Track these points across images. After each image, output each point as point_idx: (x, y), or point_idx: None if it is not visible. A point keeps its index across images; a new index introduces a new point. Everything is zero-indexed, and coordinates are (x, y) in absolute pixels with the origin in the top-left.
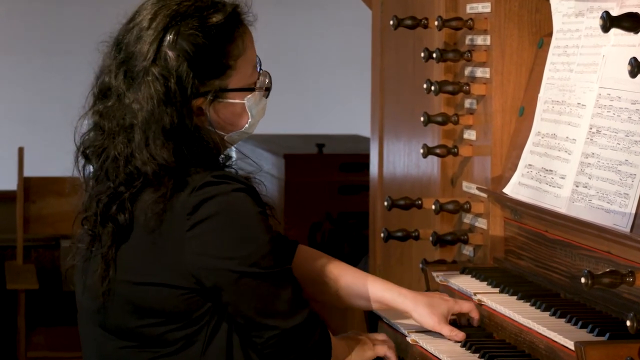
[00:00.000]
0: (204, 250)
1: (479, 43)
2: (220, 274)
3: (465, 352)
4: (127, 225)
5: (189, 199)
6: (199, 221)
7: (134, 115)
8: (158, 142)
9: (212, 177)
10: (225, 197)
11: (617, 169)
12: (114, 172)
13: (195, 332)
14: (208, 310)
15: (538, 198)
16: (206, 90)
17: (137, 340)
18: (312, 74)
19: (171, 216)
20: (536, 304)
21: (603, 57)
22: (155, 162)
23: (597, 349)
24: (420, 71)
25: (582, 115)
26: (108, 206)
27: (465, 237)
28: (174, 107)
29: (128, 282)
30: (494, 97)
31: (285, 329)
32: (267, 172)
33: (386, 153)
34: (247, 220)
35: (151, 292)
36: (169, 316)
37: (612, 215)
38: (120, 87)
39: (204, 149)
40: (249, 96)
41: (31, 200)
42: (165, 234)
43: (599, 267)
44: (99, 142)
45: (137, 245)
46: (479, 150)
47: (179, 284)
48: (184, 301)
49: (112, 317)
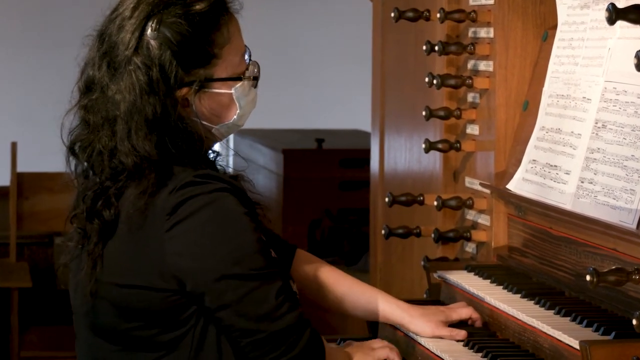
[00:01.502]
0: (183, 251)
1: (482, 36)
2: (201, 275)
3: (468, 352)
4: (113, 221)
5: (169, 199)
6: (179, 221)
7: (117, 107)
8: (140, 134)
9: (194, 177)
10: (206, 197)
11: (623, 165)
12: (99, 166)
13: (184, 334)
14: (194, 312)
15: (542, 194)
16: (191, 79)
17: (126, 343)
18: (311, 68)
19: (152, 216)
20: (540, 302)
21: (609, 50)
22: (137, 154)
23: (602, 348)
24: (422, 64)
25: (588, 109)
26: (94, 202)
27: (468, 234)
28: (157, 96)
29: (113, 284)
30: (498, 91)
31: (272, 332)
32: (265, 168)
33: (387, 148)
34: (229, 220)
35: (135, 295)
36: (154, 319)
37: (618, 212)
38: (103, 79)
39: (189, 142)
40: (236, 86)
41: (24, 197)
42: (146, 234)
43: (604, 265)
44: (85, 137)
45: (121, 244)
46: (482, 145)
47: (161, 286)
48: (168, 303)
49: (101, 319)
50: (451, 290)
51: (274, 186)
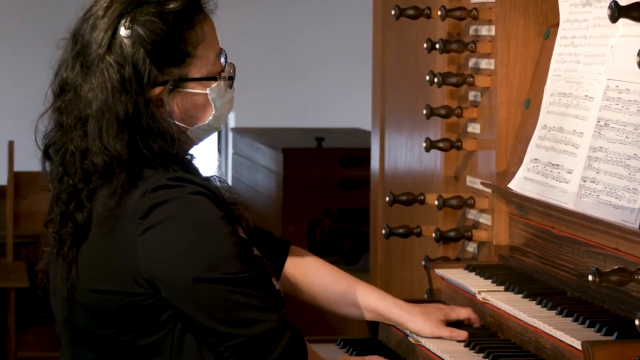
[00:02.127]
0: (156, 257)
1: (483, 33)
2: (175, 281)
3: (469, 352)
4: (86, 224)
5: (142, 201)
6: (151, 226)
7: (89, 105)
8: (111, 132)
9: (167, 180)
10: (180, 202)
11: (626, 163)
12: (72, 168)
13: (162, 337)
14: (170, 315)
15: (544, 193)
16: (165, 79)
17: (105, 350)
18: (311, 66)
19: (124, 219)
20: (542, 303)
21: (611, 48)
22: (108, 152)
23: (604, 349)
24: (422, 62)
25: (590, 107)
26: (67, 205)
27: (469, 234)
28: (129, 95)
29: (87, 289)
30: (499, 89)
31: (249, 337)
32: (265, 167)
33: (387, 147)
34: (204, 225)
35: (109, 300)
36: (130, 324)
37: (621, 211)
38: (76, 79)
39: (161, 144)
40: (212, 86)
41: (21, 196)
42: (118, 238)
43: (607, 265)
44: (59, 139)
45: (94, 248)
46: (484, 144)
47: (134, 290)
48: (144, 308)
49: (79, 326)
50: (452, 290)
51: (274, 185)
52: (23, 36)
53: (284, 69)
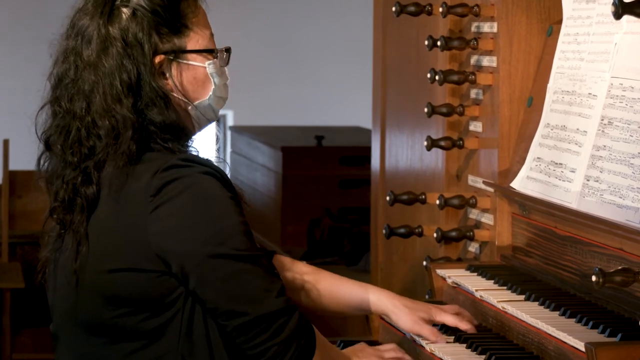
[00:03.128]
0: (167, 232)
1: (485, 30)
2: (185, 256)
3: (471, 354)
4: (95, 198)
5: (153, 181)
6: (162, 202)
7: (94, 73)
8: (116, 96)
9: (178, 160)
10: (190, 179)
11: (630, 162)
12: (77, 146)
13: (170, 319)
14: (180, 294)
15: (547, 193)
16: (166, 48)
17: (111, 334)
18: (311, 63)
19: (135, 197)
20: (545, 304)
21: (615, 45)
22: (113, 115)
23: (608, 350)
24: (424, 60)
25: (593, 106)
26: (75, 181)
27: (471, 234)
28: (132, 61)
29: (98, 271)
30: (501, 87)
31: (258, 316)
32: (264, 166)
33: (388, 146)
34: (213, 202)
35: (119, 279)
36: (140, 303)
37: (625, 211)
38: (77, 58)
39: (165, 115)
40: (210, 62)
41: (17, 195)
42: (130, 217)
43: (610, 265)
44: (60, 123)
45: (104, 229)
46: (486, 143)
47: (146, 267)
48: (154, 285)
49: (85, 313)
50: (454, 291)
51: (273, 184)
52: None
53: (283, 66)
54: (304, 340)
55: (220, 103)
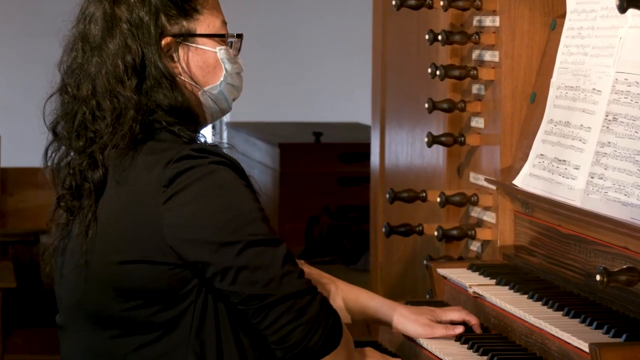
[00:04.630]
0: (182, 223)
1: (487, 24)
2: (203, 245)
3: (472, 354)
4: (102, 181)
5: (165, 172)
6: (175, 192)
7: (97, 58)
8: (119, 77)
9: (190, 150)
10: (204, 169)
11: (635, 159)
12: (83, 131)
13: (182, 312)
14: (193, 287)
15: (550, 190)
16: (174, 30)
17: (121, 327)
18: (309, 58)
19: (147, 188)
20: (548, 303)
21: (620, 39)
22: (116, 97)
23: (613, 351)
24: (424, 55)
25: (598, 101)
26: (81, 167)
27: (472, 232)
28: (138, 42)
29: (107, 262)
30: (504, 83)
31: (282, 296)
32: (261, 163)
33: (388, 142)
34: (228, 190)
35: (131, 271)
36: (152, 296)
37: (630, 209)
38: (84, 44)
39: (172, 98)
40: (221, 47)
41: (8, 193)
42: (141, 207)
43: (615, 264)
44: (67, 109)
45: (113, 216)
46: (488, 139)
47: (159, 259)
48: (167, 278)
49: (94, 304)
50: (455, 290)
51: (270, 182)
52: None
53: (281, 61)
54: (331, 321)
55: (234, 92)
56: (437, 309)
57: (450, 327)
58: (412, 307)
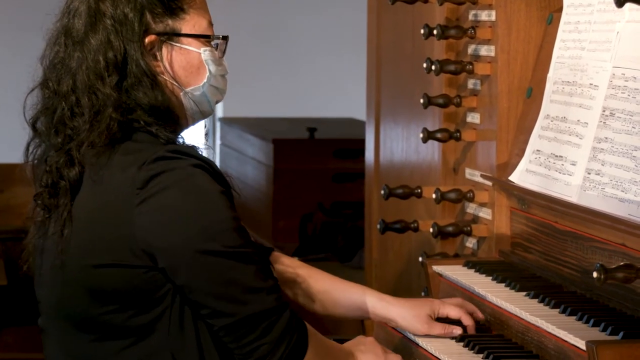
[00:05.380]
0: (154, 227)
1: (483, 19)
2: (173, 252)
3: (468, 352)
4: (79, 179)
5: (140, 173)
6: (150, 195)
7: (78, 53)
8: (99, 73)
9: (166, 152)
10: (180, 172)
11: (632, 155)
12: (62, 127)
13: (159, 316)
14: (168, 291)
15: (547, 186)
16: (158, 29)
17: (99, 331)
18: (303, 53)
19: (121, 190)
20: (545, 301)
21: (617, 34)
22: (95, 93)
23: (610, 349)
24: (419, 49)
25: (595, 96)
26: (58, 164)
27: (468, 229)
28: (120, 38)
29: (83, 265)
30: (500, 78)
31: (246, 316)
32: (254, 159)
33: (383, 138)
34: (203, 196)
35: (105, 275)
36: (127, 300)
37: (627, 205)
38: (67, 38)
39: (152, 97)
40: (205, 49)
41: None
42: (115, 209)
43: (612, 261)
44: (47, 104)
45: (88, 217)
46: (484, 135)
47: (132, 262)
48: (140, 281)
49: (72, 307)
50: (450, 288)
51: (264, 178)
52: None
53: (274, 55)
54: (295, 338)
55: (217, 94)
56: (435, 301)
57: (449, 327)
58: (410, 301)
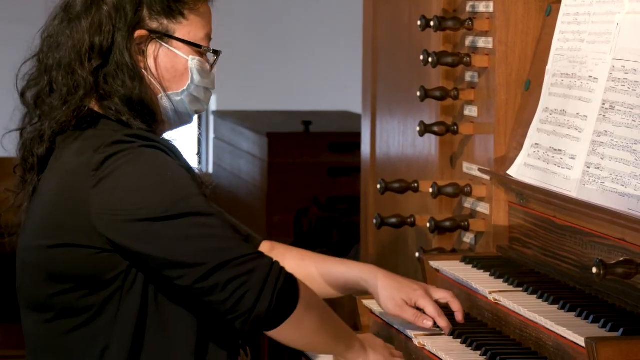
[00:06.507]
0: (110, 206)
1: (481, 10)
2: (134, 224)
3: (465, 349)
4: (46, 157)
5: (95, 156)
6: (105, 176)
7: (68, 31)
8: (81, 57)
9: (123, 135)
10: (134, 152)
11: (632, 149)
12: (41, 102)
13: (107, 298)
14: (120, 273)
15: (546, 180)
16: (152, 26)
17: (52, 311)
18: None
19: (76, 173)
20: (543, 297)
21: (617, 25)
22: (72, 75)
23: (609, 346)
24: (416, 41)
25: (594, 89)
26: (31, 139)
27: (465, 224)
28: (111, 26)
29: (39, 246)
30: (498, 70)
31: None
32: (248, 153)
33: (379, 131)
34: (160, 167)
35: (59, 255)
36: (79, 280)
37: (627, 199)
38: (64, 14)
39: (129, 90)
40: (194, 58)
41: None
42: (71, 192)
43: (612, 256)
44: (35, 76)
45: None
46: (481, 128)
47: (86, 243)
48: (92, 262)
49: (28, 289)
50: (448, 283)
51: (258, 172)
52: None
53: (269, 47)
54: (283, 281)
55: (196, 105)
56: (419, 290)
57: (421, 316)
58: (394, 279)
